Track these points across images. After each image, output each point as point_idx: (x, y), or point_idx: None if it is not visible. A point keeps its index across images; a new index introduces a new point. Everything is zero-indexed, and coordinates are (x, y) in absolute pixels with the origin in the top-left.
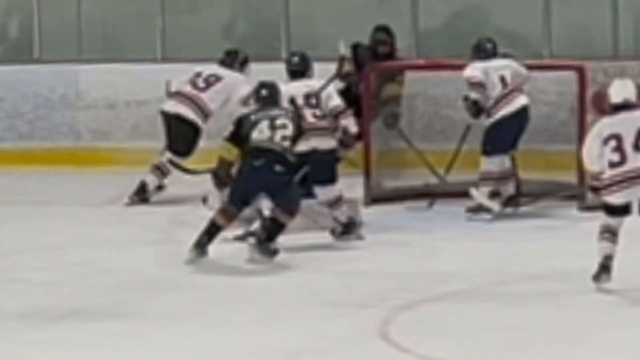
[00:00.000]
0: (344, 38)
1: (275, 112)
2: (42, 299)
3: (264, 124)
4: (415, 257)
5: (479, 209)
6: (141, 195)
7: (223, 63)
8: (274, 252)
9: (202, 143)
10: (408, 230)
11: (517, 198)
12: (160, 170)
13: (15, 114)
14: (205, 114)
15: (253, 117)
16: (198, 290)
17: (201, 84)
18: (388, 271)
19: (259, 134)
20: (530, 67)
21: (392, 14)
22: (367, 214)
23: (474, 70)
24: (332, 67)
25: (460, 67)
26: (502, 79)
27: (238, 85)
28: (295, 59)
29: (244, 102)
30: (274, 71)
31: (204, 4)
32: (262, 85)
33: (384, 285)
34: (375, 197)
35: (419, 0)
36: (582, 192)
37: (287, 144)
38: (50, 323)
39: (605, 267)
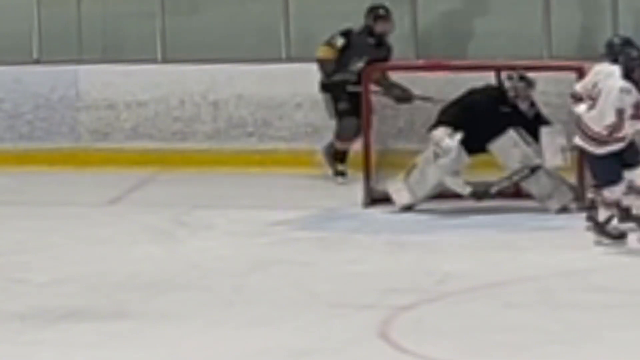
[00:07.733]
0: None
1: None
2: (42, 299)
3: None
4: (415, 257)
5: None
6: None
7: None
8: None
9: None
10: (408, 230)
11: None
12: None
13: (15, 114)
14: None
15: None
16: (198, 290)
17: None
18: (388, 271)
19: None
20: (530, 67)
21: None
22: (367, 214)
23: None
24: None
25: (460, 68)
26: None
27: None
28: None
29: None
30: (274, 71)
31: (204, 4)
32: None
33: (384, 285)
34: (375, 197)
35: (419, 0)
36: (582, 192)
37: None
38: (50, 323)
39: None
